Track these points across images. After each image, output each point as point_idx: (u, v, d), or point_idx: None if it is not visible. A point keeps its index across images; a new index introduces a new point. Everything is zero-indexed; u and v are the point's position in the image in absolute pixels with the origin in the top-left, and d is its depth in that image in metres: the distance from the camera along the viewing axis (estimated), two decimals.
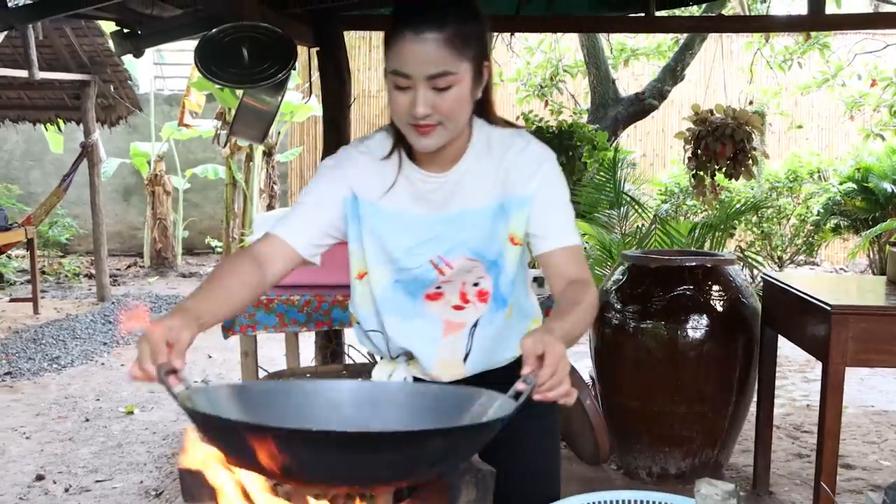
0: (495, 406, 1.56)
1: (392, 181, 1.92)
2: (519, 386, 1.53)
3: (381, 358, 2.07)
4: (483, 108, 1.90)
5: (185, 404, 1.44)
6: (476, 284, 1.96)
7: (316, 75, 5.28)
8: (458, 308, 1.97)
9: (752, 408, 4.34)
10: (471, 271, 1.94)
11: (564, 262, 1.89)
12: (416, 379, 2.02)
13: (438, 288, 1.96)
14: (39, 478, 4.58)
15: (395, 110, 1.80)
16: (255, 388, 1.71)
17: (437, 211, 1.92)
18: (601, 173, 6.85)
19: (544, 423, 2.10)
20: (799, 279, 4.13)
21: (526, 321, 2.06)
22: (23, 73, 8.33)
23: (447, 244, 1.92)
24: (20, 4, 4.47)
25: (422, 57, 1.71)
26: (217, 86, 6.66)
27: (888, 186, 9.78)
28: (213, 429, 1.45)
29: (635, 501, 1.78)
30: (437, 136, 1.80)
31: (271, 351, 6.49)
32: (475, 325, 1.98)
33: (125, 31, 4.72)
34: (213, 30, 4.24)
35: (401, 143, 1.90)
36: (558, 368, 1.53)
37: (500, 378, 1.82)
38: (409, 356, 2.01)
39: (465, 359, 1.99)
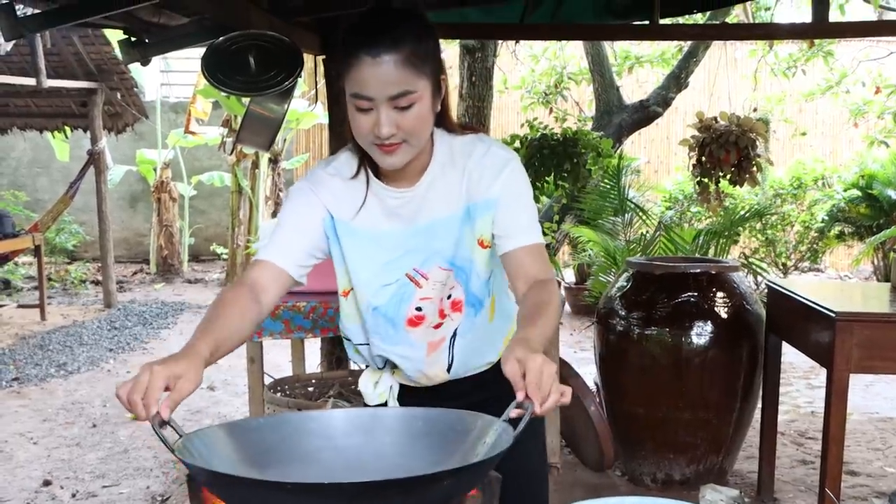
0: (492, 432, 1.56)
1: (362, 200, 1.93)
2: (513, 412, 1.54)
3: (367, 367, 2.11)
4: (442, 118, 1.91)
5: (183, 458, 1.46)
6: (449, 297, 1.98)
7: (322, 83, 5.30)
8: (437, 326, 2.00)
9: (757, 414, 4.35)
10: (445, 283, 1.96)
11: (528, 260, 1.89)
12: (401, 386, 2.08)
13: (419, 310, 1.97)
14: (47, 483, 4.60)
15: (359, 132, 1.80)
16: (247, 425, 1.72)
17: (408, 225, 1.93)
18: (605, 180, 6.86)
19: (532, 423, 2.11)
20: (803, 286, 4.14)
21: (508, 323, 2.06)
22: (30, 81, 8.37)
23: (421, 256, 1.94)
24: (29, 13, 4.49)
25: (382, 79, 1.72)
26: (223, 93, 6.68)
27: (892, 193, 9.78)
28: (210, 482, 1.47)
29: None
30: (402, 153, 1.81)
31: (277, 357, 6.50)
32: (454, 336, 2.01)
33: (132, 39, 4.75)
34: (220, 38, 4.26)
35: (366, 161, 1.92)
36: (542, 380, 1.51)
37: (486, 378, 2.00)
38: (394, 366, 2.06)
39: (448, 369, 2.04)
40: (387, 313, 1.97)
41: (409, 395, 2.09)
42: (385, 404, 2.09)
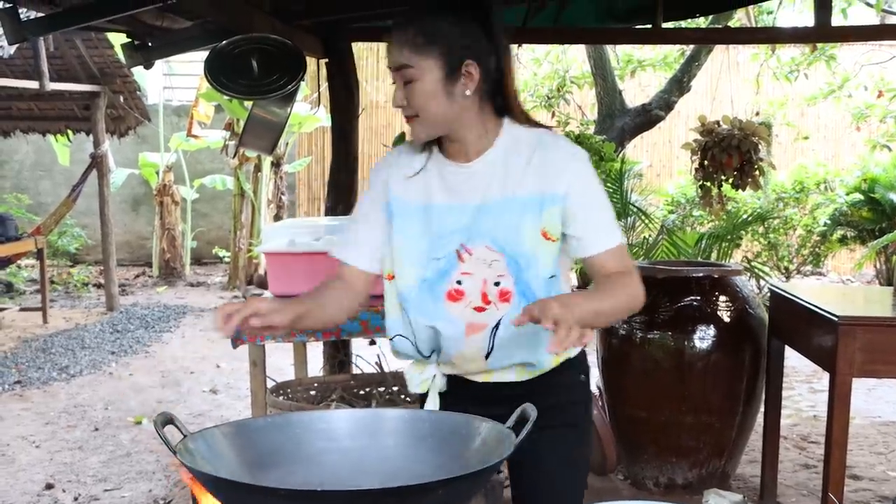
0: (495, 438, 1.57)
1: (421, 167, 2.04)
2: (517, 416, 1.55)
3: (412, 361, 2.14)
4: (505, 107, 2.00)
5: (184, 459, 1.46)
6: (497, 284, 1.98)
7: (324, 86, 5.31)
8: (479, 310, 1.99)
9: (760, 418, 4.35)
10: (490, 265, 1.97)
11: (612, 264, 1.98)
12: (447, 376, 2.09)
13: (459, 283, 1.99)
14: (49, 486, 4.60)
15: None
16: (251, 425, 1.72)
17: (461, 202, 1.99)
18: (608, 184, 6.87)
19: (581, 437, 2.18)
20: (806, 290, 4.14)
21: None
22: (34, 85, 8.38)
23: (469, 233, 1.98)
24: (33, 17, 4.50)
25: (390, 51, 1.95)
26: (226, 97, 6.70)
27: (895, 197, 9.77)
28: (208, 485, 1.47)
29: None
30: (417, 126, 1.97)
31: (279, 360, 6.50)
32: (496, 326, 2.00)
33: (136, 42, 4.76)
34: (223, 41, 4.27)
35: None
36: (550, 311, 1.65)
37: (531, 389, 2.02)
38: (439, 352, 2.06)
39: (486, 356, 2.02)
40: (431, 286, 2.00)
41: (457, 388, 2.10)
42: (426, 395, 2.10)
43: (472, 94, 1.94)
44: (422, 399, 2.13)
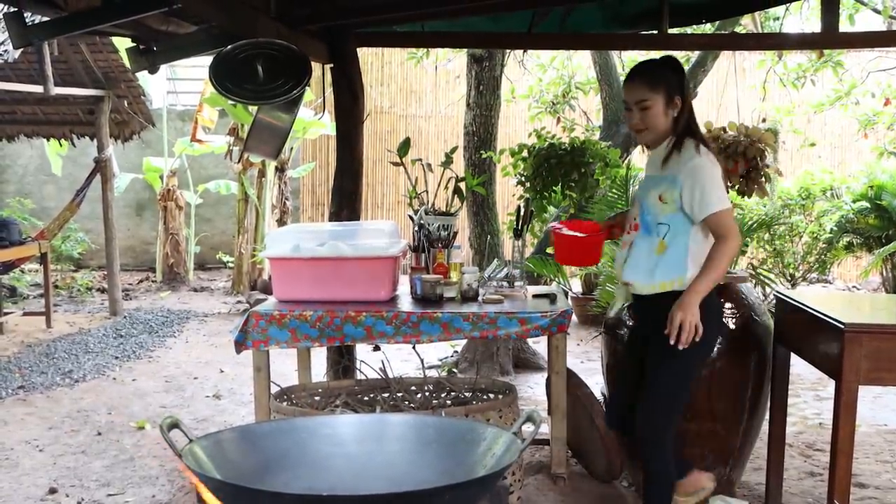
0: (501, 443, 1.56)
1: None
2: (521, 422, 1.57)
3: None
4: (687, 130, 3.41)
5: (189, 464, 1.45)
6: (635, 219, 3.47)
7: (329, 91, 5.30)
8: (628, 233, 3.51)
9: (764, 426, 4.33)
10: (635, 208, 3.51)
11: (713, 222, 3.28)
12: (634, 296, 3.54)
13: (634, 219, 3.47)
14: (52, 491, 4.60)
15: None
16: (257, 430, 1.71)
17: (644, 173, 3.67)
18: (613, 190, 6.84)
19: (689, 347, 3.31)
20: (812, 297, 4.11)
21: (673, 273, 3.34)
22: (38, 89, 8.39)
23: (639, 192, 3.54)
24: (38, 21, 4.50)
25: (630, 89, 3.43)
26: (230, 102, 6.70)
27: None
28: (213, 489, 1.45)
29: None
30: (643, 136, 3.46)
31: (283, 366, 6.50)
32: (632, 244, 3.45)
33: (141, 47, 4.76)
34: (228, 46, 4.27)
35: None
36: (676, 323, 3.23)
37: (662, 302, 3.34)
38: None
39: (624, 263, 3.46)
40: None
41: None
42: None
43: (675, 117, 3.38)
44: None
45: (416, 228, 4.76)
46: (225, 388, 6.74)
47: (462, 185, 5.13)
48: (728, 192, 6.34)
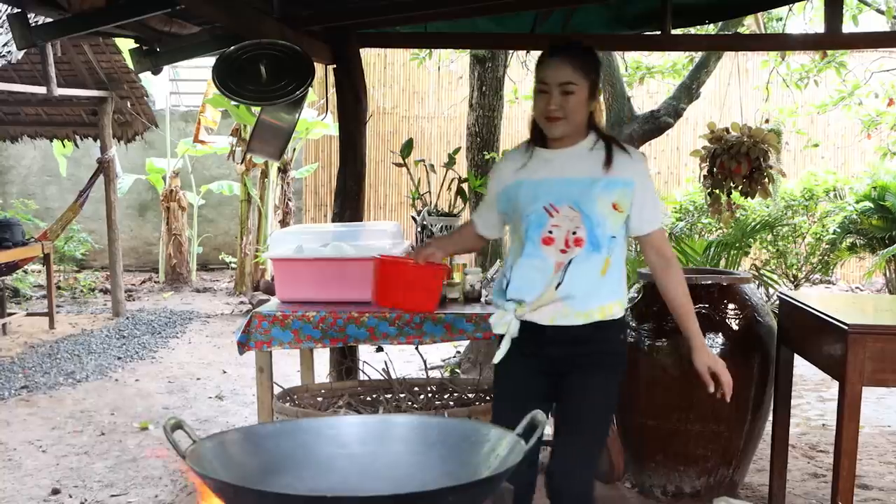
0: (505, 445, 1.56)
1: (528, 158, 2.95)
2: (524, 423, 1.56)
3: (498, 310, 2.93)
4: (593, 123, 2.92)
5: (193, 464, 1.45)
6: (574, 233, 2.81)
7: (332, 92, 5.30)
8: (563, 251, 2.83)
9: (768, 427, 4.32)
10: (572, 220, 2.82)
11: (657, 238, 2.93)
12: (521, 322, 2.87)
13: (550, 232, 2.83)
14: (55, 492, 4.59)
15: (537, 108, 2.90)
16: (261, 431, 1.71)
17: (551, 176, 2.87)
18: None
19: (612, 381, 2.98)
20: (815, 298, 4.11)
21: (613, 297, 2.88)
22: (41, 90, 8.39)
23: (555, 196, 2.84)
24: (41, 22, 4.50)
25: (553, 69, 2.85)
26: (233, 103, 6.70)
27: None
28: (218, 490, 1.45)
29: None
30: (562, 126, 2.85)
31: (286, 367, 6.50)
32: (570, 263, 2.82)
33: (144, 48, 4.76)
34: (231, 47, 4.27)
35: (537, 139, 2.96)
36: (726, 378, 2.94)
37: (583, 335, 2.84)
38: (519, 302, 2.85)
39: (557, 287, 2.82)
40: (531, 232, 2.86)
41: (526, 332, 2.87)
42: (502, 337, 2.91)
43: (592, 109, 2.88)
44: (500, 339, 2.95)
45: (419, 229, 4.76)
46: (228, 388, 6.75)
47: (465, 186, 5.12)
48: (732, 193, 6.37)
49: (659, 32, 5.22)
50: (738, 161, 5.86)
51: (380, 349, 6.92)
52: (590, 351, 2.86)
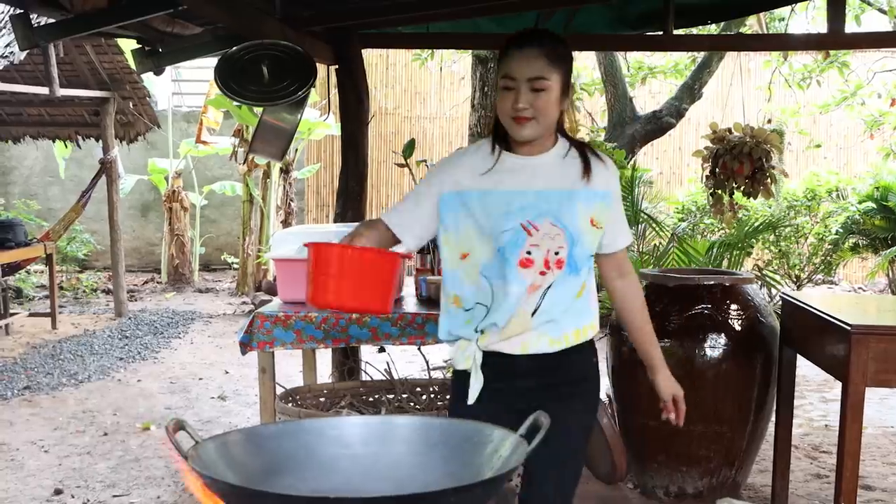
0: (507, 446, 1.56)
1: (493, 164, 2.44)
2: (527, 424, 1.56)
3: (458, 340, 2.52)
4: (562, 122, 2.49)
5: (195, 465, 1.45)
6: (557, 253, 2.41)
7: (334, 93, 5.30)
8: (542, 273, 2.41)
9: (770, 427, 4.32)
10: (553, 238, 2.41)
11: (622, 257, 2.60)
12: (484, 353, 2.46)
13: (529, 253, 2.40)
14: (58, 492, 4.60)
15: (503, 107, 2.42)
16: (263, 432, 1.71)
17: (525, 187, 2.41)
18: None
19: (589, 408, 2.62)
20: (818, 299, 4.11)
21: (585, 319, 2.52)
22: (43, 90, 8.39)
23: (534, 212, 2.40)
24: (44, 23, 4.51)
25: (522, 62, 2.36)
26: (235, 103, 6.70)
27: None
28: (220, 492, 1.45)
29: None
30: (531, 128, 2.38)
31: (288, 367, 6.50)
32: (549, 287, 2.42)
33: (146, 48, 4.76)
34: (234, 48, 4.27)
35: (499, 138, 2.47)
36: (683, 404, 2.63)
37: (554, 363, 2.45)
38: (481, 332, 2.45)
39: (532, 314, 2.42)
40: (505, 253, 2.39)
41: (491, 365, 2.46)
42: (468, 371, 2.48)
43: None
44: (458, 378, 2.56)
45: None
46: (230, 389, 6.75)
47: None
48: (734, 194, 6.37)
49: (661, 33, 5.22)
50: (741, 161, 5.87)
51: (382, 350, 6.90)
52: (563, 380, 2.49)
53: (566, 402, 2.47)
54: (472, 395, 2.46)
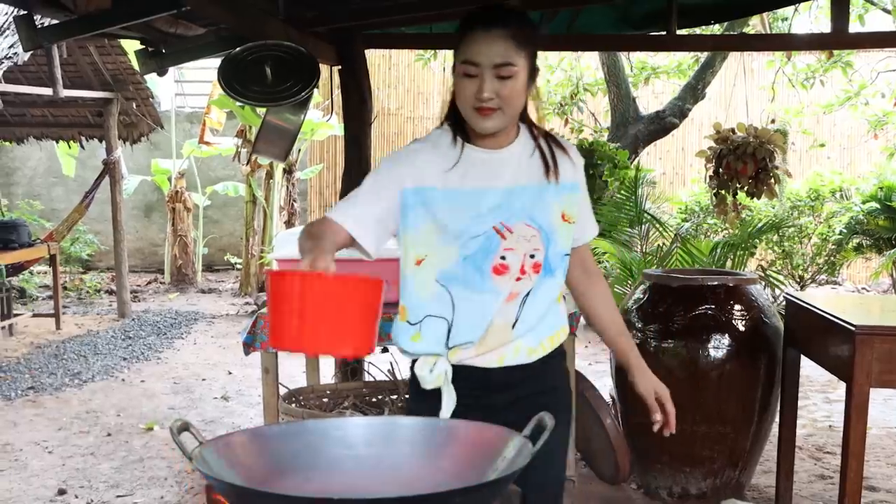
0: (511, 447, 1.55)
1: (455, 160, 2.16)
2: (531, 425, 1.55)
3: (421, 356, 2.23)
4: (525, 115, 2.24)
5: (199, 466, 1.45)
6: (532, 256, 2.18)
7: (337, 93, 5.30)
8: (518, 280, 2.17)
9: (774, 428, 4.31)
10: (529, 240, 2.17)
11: (587, 250, 2.38)
12: (454, 367, 2.18)
13: (503, 258, 2.15)
14: (61, 492, 4.60)
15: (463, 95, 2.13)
16: (267, 433, 1.71)
17: (492, 185, 2.16)
18: (622, 192, 6.85)
19: (562, 420, 2.22)
20: (822, 299, 4.11)
21: (560, 322, 2.31)
22: (47, 91, 8.41)
23: (506, 212, 2.15)
24: (47, 24, 4.51)
25: (485, 44, 2.09)
26: (239, 104, 6.70)
27: None
28: (224, 492, 1.45)
29: None
30: (496, 119, 2.11)
31: (291, 368, 6.49)
32: (528, 294, 2.18)
33: (150, 49, 4.77)
34: (237, 48, 4.27)
35: (459, 130, 2.19)
36: (671, 405, 2.38)
37: (532, 372, 2.22)
38: (450, 347, 2.18)
39: (513, 325, 2.19)
40: (476, 262, 2.15)
41: (461, 380, 2.18)
42: (439, 389, 2.19)
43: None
44: (419, 393, 2.26)
45: None
46: (233, 389, 6.75)
47: None
48: (738, 194, 6.37)
49: (664, 33, 5.22)
50: (744, 161, 5.87)
51: (385, 350, 6.91)
52: (539, 389, 2.24)
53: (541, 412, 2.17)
54: (445, 415, 2.16)
